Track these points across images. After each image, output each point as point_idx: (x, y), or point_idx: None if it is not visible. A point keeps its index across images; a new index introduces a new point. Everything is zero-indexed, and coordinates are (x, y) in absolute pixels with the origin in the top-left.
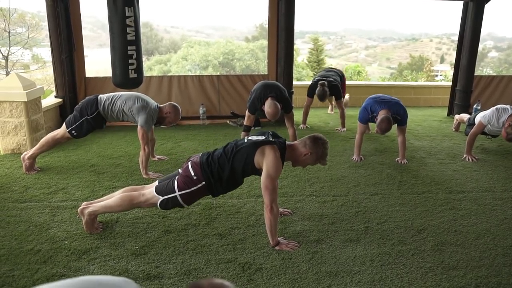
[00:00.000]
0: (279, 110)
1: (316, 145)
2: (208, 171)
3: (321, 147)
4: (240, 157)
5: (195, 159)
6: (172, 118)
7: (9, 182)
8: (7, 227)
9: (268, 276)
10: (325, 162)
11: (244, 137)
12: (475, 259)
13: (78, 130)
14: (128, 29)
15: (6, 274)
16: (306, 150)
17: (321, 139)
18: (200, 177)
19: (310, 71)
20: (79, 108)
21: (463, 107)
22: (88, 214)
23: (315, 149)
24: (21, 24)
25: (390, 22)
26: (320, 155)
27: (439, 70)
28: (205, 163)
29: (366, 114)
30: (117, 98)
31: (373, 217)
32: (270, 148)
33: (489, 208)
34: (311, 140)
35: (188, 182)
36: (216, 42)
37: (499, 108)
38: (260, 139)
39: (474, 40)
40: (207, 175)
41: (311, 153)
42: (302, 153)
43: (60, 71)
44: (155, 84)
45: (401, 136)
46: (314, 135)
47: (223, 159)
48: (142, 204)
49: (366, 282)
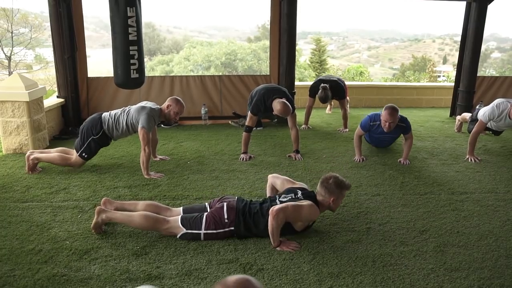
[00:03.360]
0: (289, 107)
1: (330, 189)
2: (242, 220)
3: (334, 187)
4: None
5: (232, 203)
6: (175, 108)
7: (11, 182)
8: (8, 226)
9: (269, 276)
10: (348, 186)
11: (277, 198)
12: (477, 261)
13: (87, 152)
14: (130, 29)
15: (7, 274)
16: (329, 199)
17: (328, 180)
18: (232, 222)
19: (312, 71)
20: (84, 129)
21: (466, 107)
22: (102, 219)
23: (333, 193)
24: (24, 25)
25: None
26: (340, 191)
27: (442, 71)
28: (241, 211)
29: (368, 121)
30: (119, 116)
31: (375, 218)
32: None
33: (491, 209)
34: (324, 189)
35: (218, 223)
36: (219, 42)
37: (499, 104)
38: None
39: (477, 40)
40: (239, 223)
41: (335, 198)
42: (329, 202)
43: (62, 71)
44: (157, 84)
45: (409, 141)
46: (322, 180)
47: (258, 216)
48: (163, 231)
49: (368, 283)
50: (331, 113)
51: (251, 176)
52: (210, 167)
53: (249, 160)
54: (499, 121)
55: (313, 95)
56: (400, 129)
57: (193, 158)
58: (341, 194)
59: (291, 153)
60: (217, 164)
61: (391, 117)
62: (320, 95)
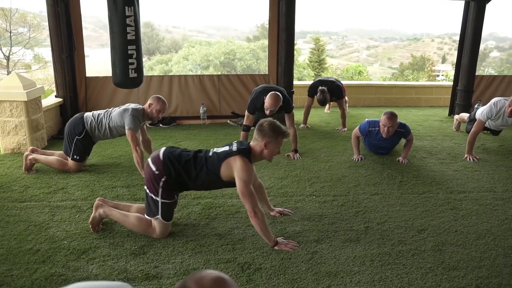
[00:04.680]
0: (279, 101)
1: (263, 131)
2: (171, 166)
3: (267, 129)
4: (206, 169)
5: (155, 153)
6: (156, 106)
7: (9, 182)
8: (6, 226)
9: (267, 276)
10: (286, 133)
11: (210, 150)
12: (475, 260)
13: (77, 153)
14: (128, 28)
15: (4, 273)
16: (261, 142)
17: (263, 123)
18: (161, 171)
19: (311, 71)
20: (67, 131)
21: (464, 106)
22: (100, 214)
23: (267, 135)
24: (22, 24)
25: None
26: (274, 135)
27: (441, 70)
28: (168, 158)
29: (367, 125)
30: (102, 117)
31: (373, 217)
32: (234, 159)
33: (490, 208)
34: (258, 132)
35: (153, 181)
36: (217, 42)
37: (496, 102)
38: (224, 151)
39: (475, 39)
40: (169, 171)
41: (268, 141)
42: (261, 147)
43: (60, 71)
44: (155, 83)
45: (410, 142)
46: (257, 125)
47: (190, 164)
48: (154, 235)
49: (366, 283)
50: (329, 112)
51: None
52: None
53: None
54: (497, 120)
55: (312, 95)
56: (399, 135)
57: None
58: (276, 140)
59: (290, 153)
60: None
61: (390, 121)
62: (319, 98)
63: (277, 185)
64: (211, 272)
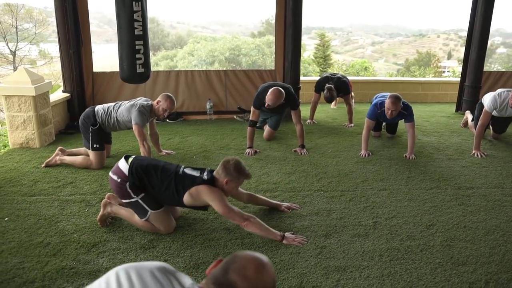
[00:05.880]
0: (279, 97)
1: (227, 170)
2: (134, 172)
3: (232, 168)
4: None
5: (115, 165)
6: (163, 105)
7: (18, 176)
8: (17, 220)
9: (276, 270)
10: (248, 175)
11: (181, 168)
12: (484, 255)
13: (95, 141)
14: (136, 23)
15: (16, 266)
16: (223, 179)
17: (229, 161)
18: (123, 178)
19: (316, 66)
20: (81, 125)
21: (472, 102)
22: (108, 212)
23: (229, 174)
24: (28, 20)
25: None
26: (236, 175)
27: (447, 66)
28: (132, 166)
29: (375, 109)
30: (111, 110)
31: (382, 212)
32: (201, 188)
33: (498, 204)
34: (222, 168)
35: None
36: (222, 37)
37: (500, 93)
38: (191, 176)
39: (484, 34)
40: (131, 175)
41: (229, 180)
42: (222, 183)
43: (67, 66)
44: (162, 79)
45: (411, 131)
46: (223, 161)
47: (150, 169)
48: (161, 232)
49: (375, 277)
50: (336, 108)
51: (257, 170)
52: (216, 162)
53: (254, 155)
54: (501, 110)
55: (318, 90)
56: (401, 116)
57: (199, 152)
58: (237, 179)
59: (297, 148)
60: (223, 158)
61: (393, 106)
62: (326, 95)
63: (284, 180)
64: (251, 258)
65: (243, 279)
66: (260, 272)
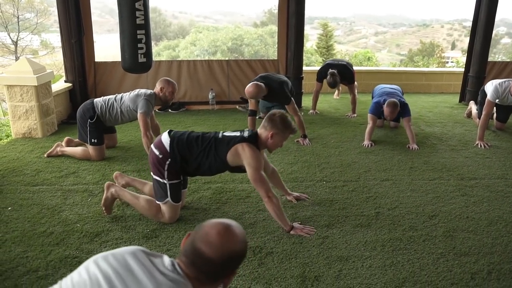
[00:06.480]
0: (258, 90)
1: (273, 122)
2: (175, 148)
3: (278, 121)
4: (214, 151)
5: (158, 138)
6: (168, 89)
7: (21, 166)
8: (20, 209)
9: (279, 260)
10: (294, 130)
11: (219, 132)
12: (487, 246)
13: (94, 136)
14: (137, 12)
15: (20, 255)
16: (268, 132)
17: (275, 114)
18: (165, 155)
19: (319, 57)
20: (79, 117)
21: (475, 93)
22: (112, 193)
23: (275, 127)
24: (29, 9)
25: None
26: (282, 128)
27: (450, 57)
28: (172, 139)
29: (378, 106)
30: (113, 101)
31: (384, 202)
32: (241, 146)
33: (501, 195)
34: (268, 121)
35: (158, 164)
36: (225, 27)
37: (501, 83)
38: (232, 136)
39: (489, 24)
40: (174, 153)
41: (275, 133)
42: (267, 137)
43: (69, 56)
44: (164, 68)
45: (408, 125)
46: (268, 114)
47: (192, 141)
48: (164, 221)
49: (377, 267)
50: (339, 98)
51: None
52: None
53: None
54: (503, 99)
55: (320, 79)
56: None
57: None
58: (283, 133)
59: (299, 138)
60: None
61: (392, 114)
62: (329, 80)
63: (287, 170)
64: (214, 224)
65: (207, 245)
66: (223, 236)
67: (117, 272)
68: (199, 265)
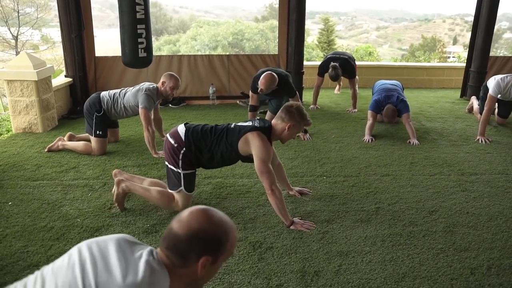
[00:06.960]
0: (273, 81)
1: (291, 114)
2: (191, 138)
3: (295, 114)
4: (225, 140)
5: (173, 129)
6: (170, 84)
7: (21, 161)
8: (20, 204)
9: (278, 255)
10: (309, 122)
11: (232, 123)
12: (487, 241)
13: (99, 128)
14: (138, 7)
15: (20, 250)
16: (285, 123)
17: (292, 106)
18: (180, 144)
19: (320, 51)
20: (86, 110)
21: (477, 88)
22: (123, 189)
23: (293, 119)
24: (30, 4)
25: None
26: (300, 120)
27: (452, 52)
28: (187, 130)
29: (379, 104)
30: (118, 96)
31: (384, 198)
32: (252, 134)
33: (502, 190)
34: (285, 112)
35: (173, 154)
36: (226, 22)
37: (503, 78)
38: (245, 125)
39: (491, 19)
40: (189, 142)
41: (293, 124)
42: (283, 128)
43: (69, 50)
44: (165, 63)
45: (407, 121)
46: (285, 106)
47: (207, 133)
48: (177, 209)
49: (377, 262)
50: (339, 93)
51: None
52: None
53: None
54: (505, 94)
55: (322, 74)
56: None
57: None
58: (299, 125)
59: (300, 133)
60: None
61: (392, 119)
62: (331, 73)
63: (287, 165)
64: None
65: (177, 222)
66: (193, 214)
67: (93, 259)
68: (169, 243)
